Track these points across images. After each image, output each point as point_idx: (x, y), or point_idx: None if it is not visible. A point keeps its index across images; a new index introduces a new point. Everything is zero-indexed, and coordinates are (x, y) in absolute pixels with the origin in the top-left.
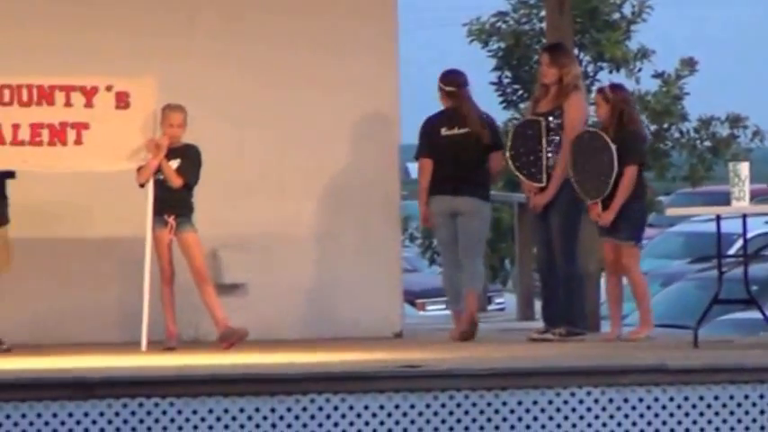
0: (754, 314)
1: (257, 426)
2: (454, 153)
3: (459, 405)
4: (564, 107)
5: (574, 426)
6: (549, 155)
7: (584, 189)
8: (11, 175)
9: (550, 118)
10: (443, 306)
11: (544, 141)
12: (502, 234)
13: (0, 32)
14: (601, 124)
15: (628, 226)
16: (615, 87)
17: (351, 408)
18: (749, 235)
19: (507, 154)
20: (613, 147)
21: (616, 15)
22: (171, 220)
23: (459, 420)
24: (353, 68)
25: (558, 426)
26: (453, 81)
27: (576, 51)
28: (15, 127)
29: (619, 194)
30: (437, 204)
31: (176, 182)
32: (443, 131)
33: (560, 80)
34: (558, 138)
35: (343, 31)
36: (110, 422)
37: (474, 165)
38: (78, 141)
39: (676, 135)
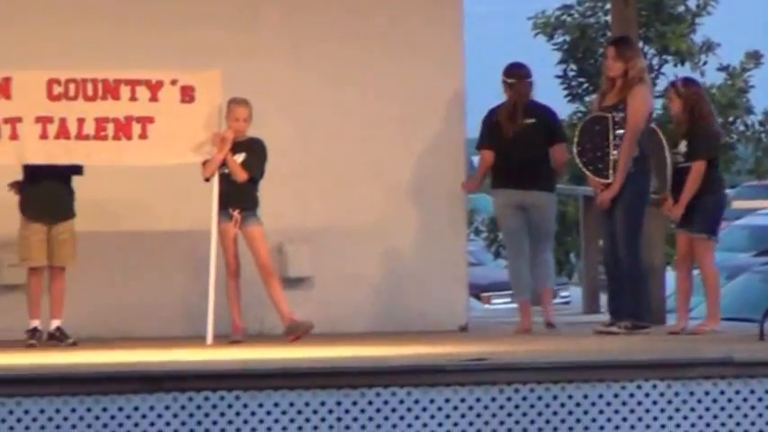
0: None
1: (322, 419)
2: (517, 145)
3: (524, 398)
4: (627, 100)
5: (640, 419)
6: (615, 150)
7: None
8: (78, 170)
9: (614, 112)
10: (508, 299)
11: (611, 137)
12: (567, 227)
13: (67, 28)
14: (673, 119)
15: (701, 219)
16: (687, 82)
17: (416, 401)
18: None
19: (574, 150)
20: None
21: (681, 8)
22: (236, 213)
23: (524, 414)
24: (419, 62)
25: (624, 419)
26: (516, 73)
27: (640, 44)
28: (80, 121)
29: (686, 189)
30: (504, 197)
31: (241, 176)
32: (509, 124)
33: (626, 73)
34: (622, 131)
35: (408, 26)
36: (175, 416)
37: (537, 157)
38: (143, 135)
39: (741, 128)
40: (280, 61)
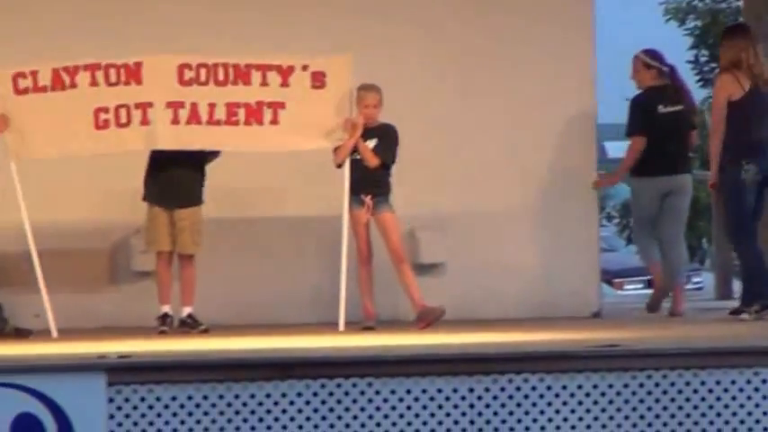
0: None
1: (455, 406)
2: (670, 131)
3: (657, 384)
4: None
5: None
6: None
7: None
8: (213, 155)
9: None
10: (641, 285)
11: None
12: (699, 213)
13: (196, 12)
14: None
15: None
16: None
17: (549, 387)
18: None
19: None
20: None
21: None
22: (368, 200)
23: (657, 400)
24: (550, 47)
25: (757, 405)
26: (665, 59)
27: None
28: (211, 107)
29: None
30: (653, 184)
31: (373, 161)
32: (660, 109)
33: None
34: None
35: (539, 12)
36: (308, 403)
37: (686, 142)
38: (274, 121)
39: None
40: (412, 48)
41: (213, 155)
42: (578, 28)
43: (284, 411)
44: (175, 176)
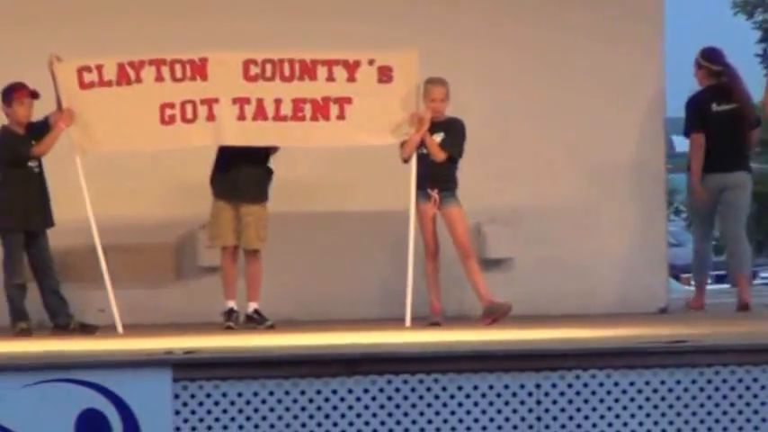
0: None
1: (522, 402)
2: (725, 129)
3: (725, 381)
4: None
5: None
6: None
7: None
8: (273, 149)
9: None
10: (709, 281)
11: None
12: (766, 208)
13: (263, 4)
14: None
15: None
16: None
17: (616, 384)
18: None
19: None
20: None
21: None
22: (435, 194)
23: (725, 396)
24: (620, 41)
25: None
26: (719, 59)
27: None
28: (277, 102)
29: None
30: (710, 181)
31: (439, 156)
32: (714, 107)
33: None
34: None
35: (608, 7)
36: (374, 399)
37: (742, 139)
38: (341, 116)
39: None
40: (478, 41)
41: (273, 149)
42: (648, 21)
43: (350, 408)
44: (242, 172)
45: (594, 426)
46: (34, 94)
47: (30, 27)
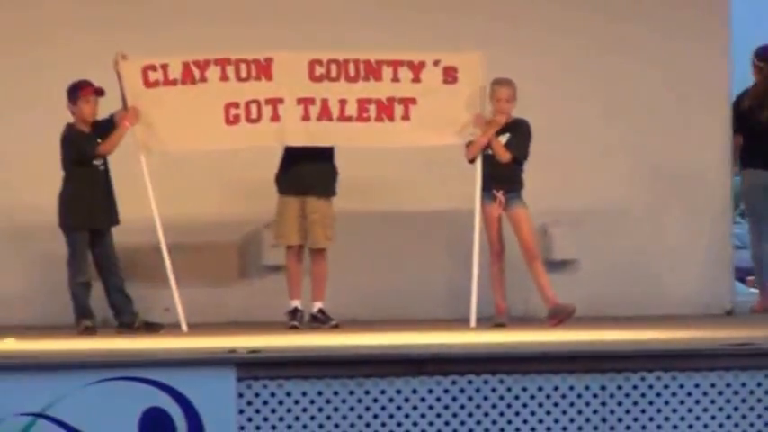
0: None
1: (587, 404)
2: (762, 130)
3: None
4: None
5: None
6: None
7: None
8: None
9: None
10: None
11: None
12: None
13: (327, 6)
14: None
15: None
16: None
17: (681, 386)
18: None
19: None
20: None
21: None
22: (500, 195)
23: None
24: (684, 40)
25: None
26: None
27: None
28: (342, 103)
29: None
30: (754, 177)
31: (505, 157)
32: (757, 108)
33: None
34: None
35: (674, 3)
36: (438, 399)
37: None
38: (406, 117)
39: None
40: (541, 43)
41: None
42: (714, 20)
43: (415, 408)
44: (308, 167)
45: (659, 428)
46: (100, 92)
47: (97, 28)
